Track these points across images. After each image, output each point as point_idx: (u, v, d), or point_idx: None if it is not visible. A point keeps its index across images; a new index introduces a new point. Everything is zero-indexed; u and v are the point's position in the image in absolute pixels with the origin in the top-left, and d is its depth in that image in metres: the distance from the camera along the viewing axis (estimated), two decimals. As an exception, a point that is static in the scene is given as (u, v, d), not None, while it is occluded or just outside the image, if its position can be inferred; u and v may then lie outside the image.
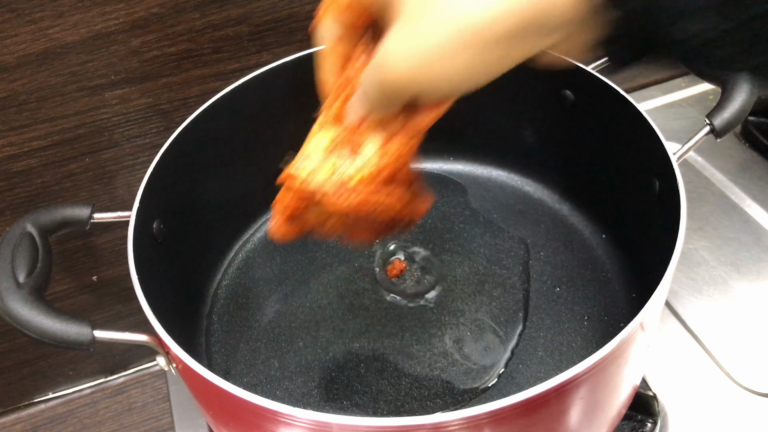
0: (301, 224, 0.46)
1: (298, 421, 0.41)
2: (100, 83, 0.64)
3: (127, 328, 0.49)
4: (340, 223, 0.44)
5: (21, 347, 0.75)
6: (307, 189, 0.42)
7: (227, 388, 0.42)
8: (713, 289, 0.71)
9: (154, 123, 0.68)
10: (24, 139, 0.64)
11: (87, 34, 0.61)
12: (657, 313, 0.48)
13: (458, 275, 0.65)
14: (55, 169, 0.67)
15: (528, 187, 0.74)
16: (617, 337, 0.42)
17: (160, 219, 0.58)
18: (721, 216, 0.77)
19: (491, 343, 0.60)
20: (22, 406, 0.79)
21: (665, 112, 0.90)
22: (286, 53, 0.66)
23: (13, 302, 0.48)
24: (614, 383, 0.49)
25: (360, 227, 0.46)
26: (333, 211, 0.42)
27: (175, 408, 0.71)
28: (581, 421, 0.47)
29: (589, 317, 0.61)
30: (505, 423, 0.41)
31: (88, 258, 0.73)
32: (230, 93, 0.63)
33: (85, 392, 0.79)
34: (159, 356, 0.50)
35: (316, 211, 0.44)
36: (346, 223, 0.44)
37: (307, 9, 0.68)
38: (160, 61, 0.65)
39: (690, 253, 0.74)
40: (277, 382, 0.59)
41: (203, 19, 0.65)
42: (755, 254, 0.73)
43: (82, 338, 0.47)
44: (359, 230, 0.46)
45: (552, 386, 0.40)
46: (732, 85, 0.56)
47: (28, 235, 0.52)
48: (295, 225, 0.46)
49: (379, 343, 0.60)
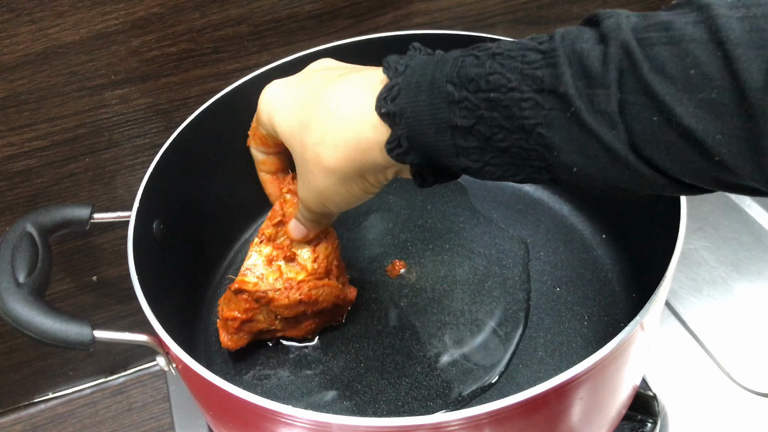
0: (251, 328, 0.57)
1: (298, 421, 0.41)
2: (100, 83, 0.64)
3: (127, 328, 0.49)
4: (285, 320, 0.57)
5: (21, 347, 0.75)
6: (259, 290, 0.54)
7: (227, 388, 0.42)
8: (713, 289, 0.71)
9: (154, 123, 0.68)
10: (24, 139, 0.64)
11: (87, 33, 0.61)
12: (657, 313, 0.48)
13: (458, 275, 0.65)
14: (55, 169, 0.67)
15: (528, 187, 0.74)
16: (617, 337, 0.42)
17: (160, 219, 0.58)
18: (721, 216, 0.77)
19: (491, 343, 0.60)
20: (22, 406, 0.79)
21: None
22: (286, 53, 0.66)
23: (13, 302, 0.48)
24: (614, 383, 0.49)
25: (302, 320, 0.58)
26: (282, 307, 0.55)
27: (175, 408, 0.71)
28: (581, 421, 0.47)
29: (589, 317, 0.61)
30: (505, 423, 0.41)
31: (88, 258, 0.73)
32: (230, 93, 0.63)
33: (85, 392, 0.79)
34: (159, 356, 0.50)
35: (266, 311, 0.56)
36: (290, 318, 0.57)
37: (307, 9, 0.68)
38: (160, 61, 0.65)
39: (690, 253, 0.74)
40: (278, 382, 0.59)
41: (203, 19, 0.65)
42: (755, 254, 0.73)
43: (82, 338, 0.48)
44: (302, 323, 0.58)
45: (552, 386, 0.40)
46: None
47: (28, 235, 0.52)
48: (245, 330, 0.57)
49: (379, 343, 0.60)
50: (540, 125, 0.33)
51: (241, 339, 0.58)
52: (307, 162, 0.43)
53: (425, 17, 0.74)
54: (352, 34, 0.70)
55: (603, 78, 0.31)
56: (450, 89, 0.36)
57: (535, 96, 0.33)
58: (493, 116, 0.35)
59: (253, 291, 0.54)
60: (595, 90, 0.31)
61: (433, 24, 0.75)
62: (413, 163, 0.39)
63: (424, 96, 0.37)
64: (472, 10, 0.76)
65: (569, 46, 0.33)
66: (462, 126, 0.36)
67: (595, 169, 0.33)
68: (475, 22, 0.76)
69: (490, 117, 0.35)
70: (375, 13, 0.71)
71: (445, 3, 0.74)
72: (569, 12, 0.79)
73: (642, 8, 0.85)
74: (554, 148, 0.34)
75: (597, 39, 0.32)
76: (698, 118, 0.29)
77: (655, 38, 0.30)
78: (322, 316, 0.59)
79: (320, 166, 0.42)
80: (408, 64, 0.39)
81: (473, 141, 0.36)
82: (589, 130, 0.32)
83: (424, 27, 0.74)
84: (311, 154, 0.42)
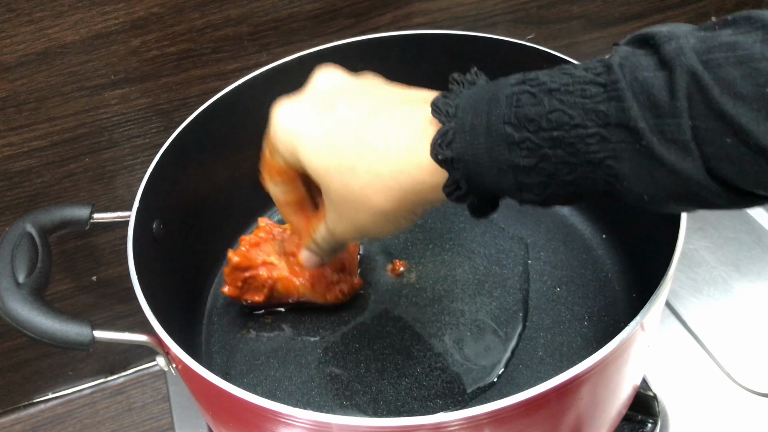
0: (257, 278, 0.61)
1: (298, 421, 0.41)
2: (100, 83, 0.64)
3: (127, 328, 0.49)
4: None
5: (21, 347, 0.74)
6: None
7: (227, 388, 0.42)
8: (713, 289, 0.71)
9: (154, 123, 0.68)
10: (24, 139, 0.64)
11: (87, 33, 0.61)
12: (657, 313, 0.48)
13: (458, 275, 0.65)
14: (55, 169, 0.67)
15: (528, 187, 0.73)
16: (617, 337, 0.42)
17: (159, 219, 0.58)
18: (721, 216, 0.77)
19: (491, 343, 0.60)
20: (22, 406, 0.79)
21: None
22: (286, 53, 0.66)
23: (13, 302, 0.48)
24: (614, 383, 0.49)
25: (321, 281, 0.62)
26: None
27: (175, 408, 0.71)
28: (581, 421, 0.47)
29: (589, 317, 0.61)
30: (505, 423, 0.41)
31: (88, 258, 0.73)
32: (230, 93, 0.63)
33: (85, 392, 0.79)
34: (159, 356, 0.50)
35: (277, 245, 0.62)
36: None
37: (307, 9, 0.68)
38: (159, 61, 0.65)
39: (690, 253, 0.74)
40: (277, 382, 0.59)
41: (203, 19, 0.65)
42: (756, 254, 0.73)
43: (82, 338, 0.47)
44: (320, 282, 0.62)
45: (552, 386, 0.40)
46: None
47: (27, 235, 0.52)
48: (252, 278, 0.62)
49: (379, 343, 0.60)
50: (608, 158, 0.33)
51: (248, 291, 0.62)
52: (350, 202, 0.42)
53: (425, 17, 0.74)
54: (352, 34, 0.70)
55: (672, 107, 0.30)
56: (509, 131, 0.35)
57: (601, 130, 0.32)
58: (557, 153, 0.34)
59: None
60: (664, 120, 0.31)
61: (433, 24, 0.75)
62: (471, 201, 0.39)
63: (482, 139, 0.36)
64: (472, 10, 0.76)
65: (630, 75, 0.32)
66: (524, 165, 0.35)
67: (666, 193, 0.33)
68: (474, 22, 0.76)
69: (553, 155, 0.34)
70: (375, 13, 0.71)
71: (444, 3, 0.74)
72: (569, 12, 0.79)
73: (643, 8, 0.85)
74: (624, 178, 0.33)
75: (658, 65, 0.32)
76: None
77: (722, 59, 0.30)
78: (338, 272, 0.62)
79: (368, 207, 0.41)
80: (457, 105, 0.37)
81: (536, 177, 0.35)
82: (662, 159, 0.31)
83: (423, 27, 0.74)
84: (357, 195, 0.41)
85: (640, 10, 0.85)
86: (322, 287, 0.61)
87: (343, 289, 0.62)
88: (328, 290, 0.62)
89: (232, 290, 0.62)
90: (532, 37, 0.80)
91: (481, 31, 0.69)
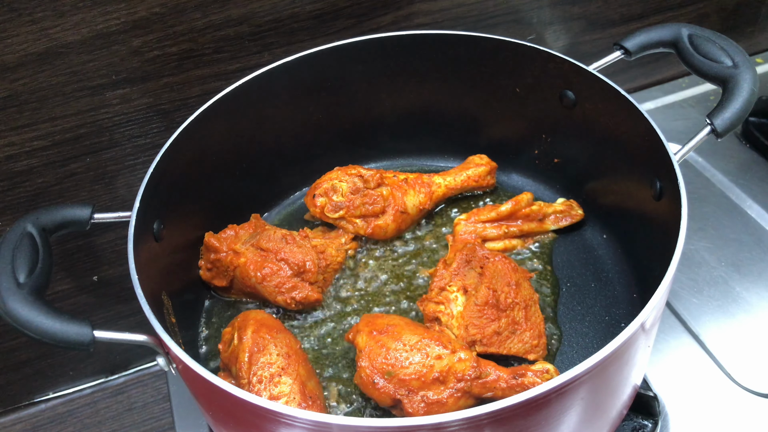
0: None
1: (298, 421, 0.41)
2: (101, 83, 0.64)
3: (127, 328, 0.49)
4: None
5: (21, 347, 0.75)
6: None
7: (227, 389, 0.42)
8: (714, 289, 0.71)
9: (155, 123, 0.68)
10: (25, 138, 0.64)
11: (88, 34, 0.61)
12: (658, 313, 0.48)
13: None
14: (56, 169, 0.67)
15: (528, 188, 0.73)
16: (618, 338, 0.42)
17: (160, 219, 0.58)
18: (721, 217, 0.77)
19: (492, 344, 0.59)
20: (23, 405, 0.79)
21: (666, 112, 0.90)
22: (287, 53, 0.66)
23: (14, 302, 0.48)
24: (615, 384, 0.49)
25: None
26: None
27: (175, 408, 0.71)
28: (582, 421, 0.47)
29: (590, 317, 0.61)
30: (506, 423, 0.41)
31: (89, 258, 0.73)
32: (230, 93, 0.63)
33: (86, 392, 0.79)
34: (159, 356, 0.50)
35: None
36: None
37: (308, 9, 0.68)
38: (161, 61, 0.65)
39: (691, 254, 0.74)
40: (278, 382, 0.59)
41: (204, 19, 0.65)
42: (756, 255, 0.73)
43: (82, 338, 0.47)
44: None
45: (552, 386, 0.40)
46: (733, 85, 0.56)
47: (28, 236, 0.52)
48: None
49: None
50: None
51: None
52: None
53: (426, 17, 0.74)
54: (353, 34, 0.70)
55: None
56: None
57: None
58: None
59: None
60: None
61: (434, 24, 0.75)
62: None
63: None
64: (473, 11, 0.76)
65: None
66: None
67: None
68: (475, 22, 0.76)
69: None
70: (376, 13, 0.71)
71: (446, 3, 0.74)
72: (569, 12, 0.79)
73: (642, 9, 0.85)
74: None
75: None
76: None
77: None
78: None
79: None
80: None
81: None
82: None
83: (425, 27, 0.74)
84: None
85: (640, 11, 0.85)
86: (272, 286, 0.61)
87: (295, 297, 0.61)
88: (279, 291, 0.61)
89: (204, 272, 0.65)
90: (532, 38, 0.80)
91: (481, 31, 0.69)
